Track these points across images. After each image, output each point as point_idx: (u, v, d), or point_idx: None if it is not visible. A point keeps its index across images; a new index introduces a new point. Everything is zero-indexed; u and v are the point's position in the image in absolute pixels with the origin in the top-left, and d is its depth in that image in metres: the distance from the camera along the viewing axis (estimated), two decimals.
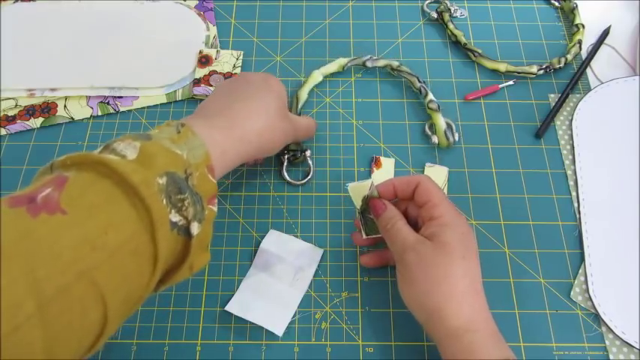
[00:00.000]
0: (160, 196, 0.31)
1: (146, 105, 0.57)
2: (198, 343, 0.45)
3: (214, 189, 0.36)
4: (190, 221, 0.33)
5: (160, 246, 0.31)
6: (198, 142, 0.36)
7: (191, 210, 0.33)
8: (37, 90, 0.58)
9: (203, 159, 0.36)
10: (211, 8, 0.64)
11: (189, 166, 0.34)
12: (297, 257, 0.48)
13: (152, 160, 0.32)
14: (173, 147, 0.34)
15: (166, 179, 0.32)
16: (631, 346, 0.44)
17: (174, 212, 0.32)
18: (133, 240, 0.30)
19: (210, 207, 0.35)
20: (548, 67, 0.58)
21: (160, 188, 0.31)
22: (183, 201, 0.33)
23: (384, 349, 0.44)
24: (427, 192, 0.41)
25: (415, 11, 0.64)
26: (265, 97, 0.44)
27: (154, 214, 0.30)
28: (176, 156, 0.34)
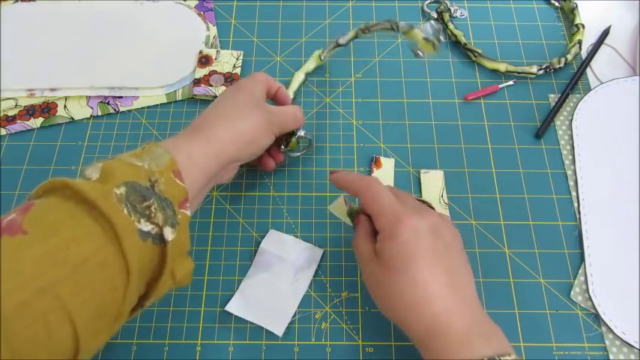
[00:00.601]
0: (119, 207, 0.31)
1: (146, 105, 0.57)
2: (198, 343, 0.45)
3: (184, 193, 0.35)
4: (162, 227, 0.33)
5: (130, 257, 0.31)
6: (160, 151, 0.36)
7: (160, 215, 0.33)
8: (37, 90, 0.58)
9: (167, 165, 0.35)
10: (211, 8, 0.64)
11: (153, 174, 0.34)
12: (297, 257, 0.48)
13: (110, 175, 0.33)
14: (134, 160, 0.35)
15: (125, 189, 0.32)
16: (631, 346, 0.44)
17: (143, 221, 0.32)
18: (99, 253, 0.30)
19: (183, 211, 0.35)
20: (548, 67, 0.58)
21: (119, 198, 0.31)
22: (150, 207, 0.32)
23: (384, 349, 0.44)
24: (367, 205, 0.40)
25: (415, 11, 0.64)
26: (233, 96, 0.44)
27: (116, 225, 0.30)
28: (136, 167, 0.34)
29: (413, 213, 0.38)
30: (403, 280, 0.36)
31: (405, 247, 0.36)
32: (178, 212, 0.34)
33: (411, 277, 0.36)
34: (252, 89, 0.45)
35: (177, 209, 0.34)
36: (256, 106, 0.43)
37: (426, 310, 0.35)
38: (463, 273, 0.38)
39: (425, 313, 0.35)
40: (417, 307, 0.36)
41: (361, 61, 0.60)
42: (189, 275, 0.36)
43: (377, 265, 0.38)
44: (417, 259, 0.36)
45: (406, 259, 0.36)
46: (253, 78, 0.47)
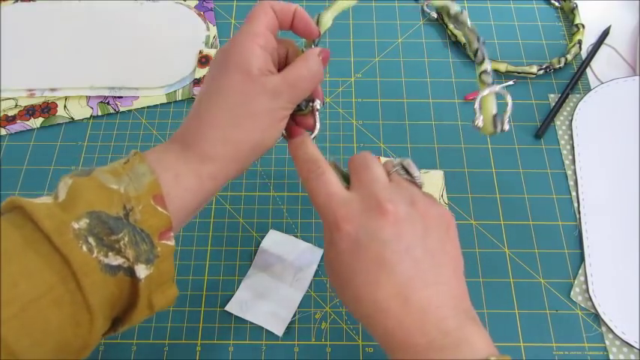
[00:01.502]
0: (77, 243, 0.27)
1: (146, 105, 0.57)
2: (198, 343, 0.45)
3: (166, 222, 0.30)
4: (133, 264, 0.29)
5: (91, 296, 0.27)
6: (143, 170, 0.31)
7: (131, 252, 0.29)
8: (37, 90, 0.58)
9: (147, 189, 0.30)
10: (211, 8, 0.64)
11: (129, 200, 0.30)
12: (297, 257, 0.48)
13: (75, 200, 0.29)
14: (110, 181, 0.30)
15: (88, 221, 0.28)
16: (631, 346, 0.44)
17: (112, 255, 0.28)
18: (54, 290, 0.27)
19: (165, 242, 0.30)
20: (548, 67, 0.58)
21: (78, 233, 0.28)
22: (118, 242, 0.28)
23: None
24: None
25: (415, 11, 0.64)
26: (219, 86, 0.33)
27: (72, 264, 0.27)
28: (109, 192, 0.29)
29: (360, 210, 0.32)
30: (349, 295, 0.31)
31: (344, 259, 0.31)
32: (158, 244, 0.30)
33: (353, 292, 0.31)
34: (244, 63, 0.33)
35: (157, 241, 0.30)
36: (255, 95, 0.33)
37: (377, 323, 0.31)
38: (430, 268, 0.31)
39: (377, 327, 0.31)
40: (368, 320, 0.31)
41: (361, 61, 0.60)
42: (173, 301, 0.32)
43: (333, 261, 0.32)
44: (358, 274, 0.31)
45: (347, 273, 0.31)
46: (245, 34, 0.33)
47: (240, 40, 0.33)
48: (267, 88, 0.33)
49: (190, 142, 0.33)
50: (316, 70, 0.35)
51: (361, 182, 0.33)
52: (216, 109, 0.33)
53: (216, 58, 0.35)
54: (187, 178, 0.32)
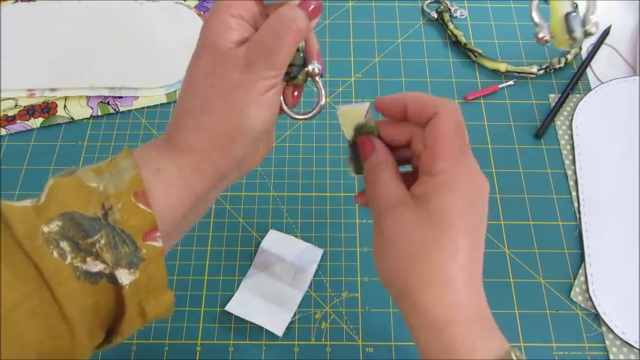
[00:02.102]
0: (46, 249, 0.25)
1: (146, 105, 0.57)
2: (198, 343, 0.45)
3: (150, 220, 0.27)
4: (113, 269, 0.26)
5: (67, 306, 0.25)
6: (126, 165, 0.28)
7: (109, 255, 0.26)
8: (37, 90, 0.57)
9: (128, 185, 0.27)
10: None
11: (108, 199, 0.27)
12: (297, 257, 0.48)
13: (51, 202, 0.27)
14: (91, 179, 0.28)
15: (60, 224, 0.26)
16: (631, 346, 0.44)
17: (90, 260, 0.26)
18: (30, 299, 0.25)
19: (151, 243, 0.27)
20: (548, 67, 0.58)
21: (47, 237, 0.25)
22: (94, 245, 0.26)
23: (384, 349, 0.44)
24: (437, 132, 0.30)
25: (415, 11, 0.64)
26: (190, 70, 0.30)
27: (44, 272, 0.25)
28: (87, 190, 0.27)
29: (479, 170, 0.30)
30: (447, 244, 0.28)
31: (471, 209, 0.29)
32: (142, 246, 0.27)
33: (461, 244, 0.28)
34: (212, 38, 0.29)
35: (141, 242, 0.27)
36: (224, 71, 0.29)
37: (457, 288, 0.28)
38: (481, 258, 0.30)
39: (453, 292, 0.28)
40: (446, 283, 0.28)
41: (361, 61, 0.60)
42: (169, 309, 0.30)
43: (414, 214, 0.29)
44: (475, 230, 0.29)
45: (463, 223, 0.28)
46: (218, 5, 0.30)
47: (212, 13, 0.30)
48: (237, 59, 0.28)
49: (170, 134, 0.30)
50: (293, 21, 0.29)
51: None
52: (188, 94, 0.30)
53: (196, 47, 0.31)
54: (168, 172, 0.29)
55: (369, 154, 0.32)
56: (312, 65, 0.32)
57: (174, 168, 0.29)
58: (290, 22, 0.29)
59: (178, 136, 0.30)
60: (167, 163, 0.29)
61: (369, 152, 0.32)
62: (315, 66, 0.32)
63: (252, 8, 0.30)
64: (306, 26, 0.29)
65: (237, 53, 0.29)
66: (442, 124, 0.30)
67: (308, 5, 0.30)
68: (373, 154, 0.32)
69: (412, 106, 0.31)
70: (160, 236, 0.28)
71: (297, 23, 0.29)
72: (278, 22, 0.29)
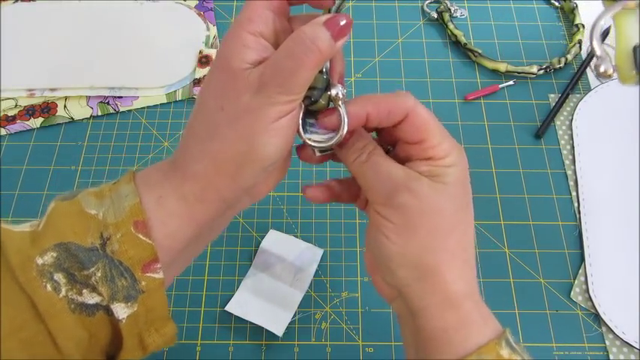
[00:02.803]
0: (40, 282, 0.25)
1: (146, 105, 0.57)
2: (198, 343, 0.45)
3: (150, 252, 0.26)
4: (109, 303, 0.25)
5: (61, 340, 0.25)
6: (127, 191, 0.27)
7: (105, 289, 0.25)
8: (37, 90, 0.57)
9: (128, 214, 0.26)
10: (211, 8, 0.64)
11: (107, 228, 0.26)
12: (297, 257, 0.48)
13: (47, 230, 0.26)
14: (91, 205, 0.27)
15: (55, 255, 0.25)
16: (631, 346, 0.44)
17: (87, 292, 0.25)
18: (24, 329, 0.24)
19: (150, 275, 0.26)
20: (548, 67, 0.58)
21: (41, 270, 0.25)
22: (90, 277, 0.25)
23: (384, 349, 0.44)
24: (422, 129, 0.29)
25: (415, 11, 0.64)
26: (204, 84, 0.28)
27: (38, 305, 0.24)
28: (86, 218, 0.26)
29: None
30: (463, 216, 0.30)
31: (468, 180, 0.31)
32: (141, 278, 0.26)
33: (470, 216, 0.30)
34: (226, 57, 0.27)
35: (140, 274, 0.26)
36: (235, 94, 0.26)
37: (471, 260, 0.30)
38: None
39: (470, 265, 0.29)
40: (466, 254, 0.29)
41: (361, 61, 0.60)
42: (172, 340, 0.29)
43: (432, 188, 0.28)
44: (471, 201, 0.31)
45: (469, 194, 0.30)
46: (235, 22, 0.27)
47: (231, 29, 0.27)
48: (250, 81, 0.26)
49: (176, 158, 0.28)
50: (314, 42, 0.26)
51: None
52: (197, 117, 0.28)
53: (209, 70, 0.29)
54: (171, 200, 0.27)
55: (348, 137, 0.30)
56: (335, 90, 0.29)
57: (177, 195, 0.27)
58: (310, 43, 0.26)
59: (183, 160, 0.28)
60: (169, 191, 0.27)
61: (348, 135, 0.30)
62: (338, 90, 0.29)
63: (274, 24, 0.28)
64: (330, 47, 0.26)
65: (251, 75, 0.26)
66: (424, 118, 0.29)
67: (335, 23, 0.27)
68: (354, 137, 0.30)
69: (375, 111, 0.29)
70: (160, 267, 0.27)
71: (319, 45, 0.26)
72: (297, 43, 0.26)
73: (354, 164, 0.30)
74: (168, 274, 0.28)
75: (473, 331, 0.28)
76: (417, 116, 0.29)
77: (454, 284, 0.28)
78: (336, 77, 0.30)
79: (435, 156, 0.29)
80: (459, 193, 0.29)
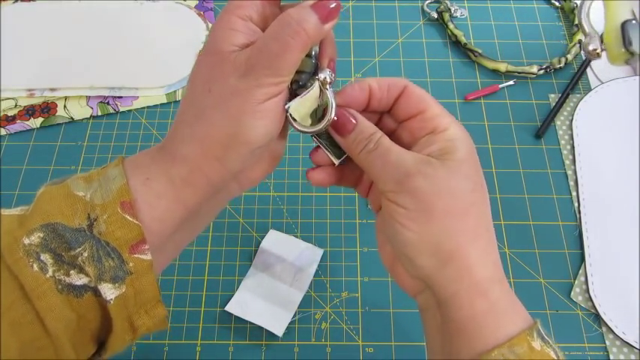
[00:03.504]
0: (26, 262, 0.25)
1: (146, 105, 0.57)
2: (198, 343, 0.45)
3: (137, 232, 0.26)
4: (96, 283, 0.25)
5: (49, 320, 0.25)
6: (115, 173, 0.27)
7: (92, 269, 0.25)
8: (37, 90, 0.57)
9: (115, 195, 0.26)
10: (211, 8, 0.64)
11: (93, 209, 0.26)
12: (297, 257, 0.48)
13: (35, 212, 0.26)
14: (79, 187, 0.26)
15: (42, 235, 0.25)
16: (631, 346, 0.44)
17: (74, 273, 0.25)
18: (12, 311, 0.24)
19: (137, 256, 0.26)
20: (548, 67, 0.58)
21: (28, 250, 0.25)
22: (77, 258, 0.25)
23: (384, 349, 0.44)
24: (420, 99, 0.29)
25: (415, 11, 0.64)
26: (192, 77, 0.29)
27: (24, 285, 0.24)
28: (73, 200, 0.26)
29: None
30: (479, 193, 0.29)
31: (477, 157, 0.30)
32: (129, 259, 0.26)
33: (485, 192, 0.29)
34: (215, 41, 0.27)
35: (127, 255, 0.26)
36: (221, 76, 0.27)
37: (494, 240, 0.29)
38: None
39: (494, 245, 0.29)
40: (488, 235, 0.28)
41: (361, 61, 0.60)
42: (163, 322, 0.29)
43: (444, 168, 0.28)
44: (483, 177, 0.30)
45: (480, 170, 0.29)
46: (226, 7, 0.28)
47: (220, 14, 0.28)
48: (238, 63, 0.26)
49: (166, 142, 0.29)
50: (300, 24, 0.26)
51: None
52: (186, 100, 0.28)
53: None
54: (158, 181, 0.27)
55: (351, 127, 0.29)
56: (323, 74, 0.29)
57: (164, 178, 0.27)
58: (297, 25, 0.26)
59: (172, 143, 0.28)
60: (157, 172, 0.27)
61: (351, 125, 0.29)
62: (326, 74, 0.29)
63: (264, 10, 0.28)
64: (317, 30, 0.26)
65: (239, 57, 0.26)
66: (420, 91, 0.30)
67: (323, 6, 0.26)
68: (359, 124, 0.29)
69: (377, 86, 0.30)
70: (148, 249, 0.26)
71: (305, 27, 0.26)
72: (284, 25, 0.26)
73: (362, 154, 0.29)
74: (159, 260, 0.28)
75: (503, 320, 0.27)
76: (414, 88, 0.30)
77: (480, 268, 0.27)
78: (325, 61, 0.30)
79: (439, 126, 0.29)
80: (472, 171, 0.28)
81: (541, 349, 0.26)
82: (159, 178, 0.27)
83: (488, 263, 0.27)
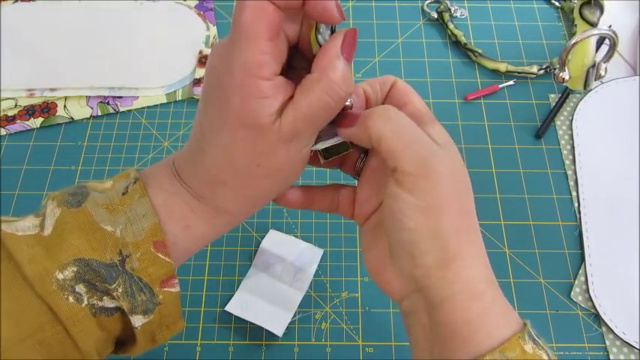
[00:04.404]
0: (61, 295, 0.25)
1: (146, 105, 0.57)
2: (198, 343, 0.45)
3: (168, 269, 0.27)
4: (129, 314, 0.27)
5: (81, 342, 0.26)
6: (143, 210, 0.27)
7: (126, 303, 0.26)
8: (37, 90, 0.57)
9: (148, 234, 0.27)
10: (211, 8, 0.64)
11: (126, 246, 0.26)
12: (297, 257, 0.48)
13: (62, 243, 0.26)
14: (105, 219, 0.26)
15: (76, 269, 0.25)
16: (631, 346, 0.44)
17: (107, 299, 0.26)
18: (41, 332, 0.25)
19: (167, 290, 0.28)
20: (548, 67, 0.58)
21: (62, 285, 0.25)
22: (110, 292, 0.26)
23: (384, 349, 0.44)
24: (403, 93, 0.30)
25: (415, 11, 0.64)
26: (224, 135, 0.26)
27: (59, 314, 0.25)
28: (102, 235, 0.26)
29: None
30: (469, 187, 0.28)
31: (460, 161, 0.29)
32: (159, 292, 0.27)
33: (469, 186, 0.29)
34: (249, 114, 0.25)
35: (158, 289, 0.27)
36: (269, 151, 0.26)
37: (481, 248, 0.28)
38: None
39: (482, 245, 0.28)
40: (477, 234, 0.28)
41: (361, 61, 0.60)
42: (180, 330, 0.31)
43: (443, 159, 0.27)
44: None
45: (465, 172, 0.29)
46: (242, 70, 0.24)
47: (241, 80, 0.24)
48: (282, 135, 0.25)
49: (202, 194, 0.28)
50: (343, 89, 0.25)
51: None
52: (226, 169, 0.27)
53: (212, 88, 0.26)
54: (200, 228, 0.29)
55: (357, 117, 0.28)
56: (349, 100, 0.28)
57: (206, 226, 0.29)
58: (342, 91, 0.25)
59: (212, 201, 0.29)
60: (198, 221, 0.29)
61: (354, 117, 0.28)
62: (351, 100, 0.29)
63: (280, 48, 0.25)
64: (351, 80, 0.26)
65: (283, 128, 0.25)
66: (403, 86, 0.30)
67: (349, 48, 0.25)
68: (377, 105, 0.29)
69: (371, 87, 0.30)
70: (177, 282, 0.28)
71: (346, 88, 0.25)
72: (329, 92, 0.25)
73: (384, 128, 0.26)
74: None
75: (497, 324, 0.26)
76: (400, 83, 0.30)
77: (476, 269, 0.26)
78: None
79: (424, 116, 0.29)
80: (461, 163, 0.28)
81: (533, 352, 0.26)
82: (200, 226, 0.29)
83: (482, 264, 0.27)
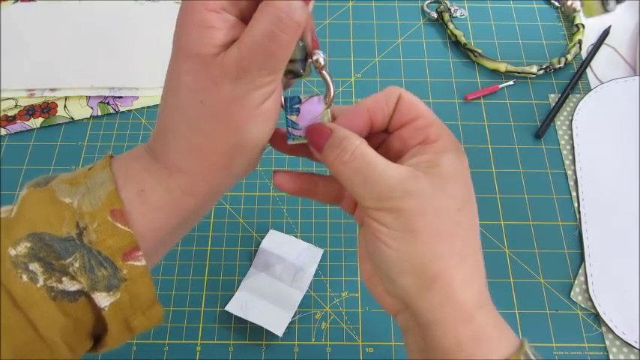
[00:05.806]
0: (15, 273, 0.24)
1: (146, 105, 0.57)
2: (198, 343, 0.45)
3: (129, 240, 0.25)
4: (89, 292, 0.25)
5: (43, 327, 0.24)
6: (103, 178, 0.26)
7: (85, 279, 0.24)
8: (37, 90, 0.57)
9: (104, 202, 0.25)
10: None
11: (82, 217, 0.25)
12: (297, 257, 0.48)
13: (19, 220, 0.25)
14: (65, 192, 0.25)
15: (30, 245, 0.24)
16: (631, 346, 0.44)
17: (67, 280, 0.24)
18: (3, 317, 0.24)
19: (131, 263, 0.25)
20: (548, 67, 0.58)
21: (15, 261, 0.24)
22: (67, 267, 0.24)
23: (384, 349, 0.44)
24: (412, 106, 0.28)
25: (415, 11, 0.64)
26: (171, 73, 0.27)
27: (14, 296, 0.24)
28: (60, 207, 0.25)
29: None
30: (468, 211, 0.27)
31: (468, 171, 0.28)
32: (123, 266, 0.25)
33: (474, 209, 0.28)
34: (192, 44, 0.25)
35: (121, 263, 0.25)
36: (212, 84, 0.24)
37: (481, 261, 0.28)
38: None
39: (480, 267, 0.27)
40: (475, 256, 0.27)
41: (361, 61, 0.60)
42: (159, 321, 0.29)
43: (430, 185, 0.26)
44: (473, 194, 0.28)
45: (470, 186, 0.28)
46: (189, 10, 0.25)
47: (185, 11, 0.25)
48: (227, 67, 0.24)
49: (157, 151, 0.27)
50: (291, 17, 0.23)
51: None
52: (173, 112, 0.26)
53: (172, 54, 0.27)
54: (155, 193, 0.26)
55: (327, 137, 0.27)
56: (316, 55, 0.27)
57: (161, 189, 0.26)
58: (288, 18, 0.23)
59: (166, 156, 0.26)
60: (153, 184, 0.26)
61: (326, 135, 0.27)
62: (319, 56, 0.27)
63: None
64: (305, 16, 0.24)
65: (227, 60, 0.24)
66: (410, 98, 0.28)
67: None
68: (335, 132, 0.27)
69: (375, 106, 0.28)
70: (142, 255, 0.26)
71: (297, 18, 0.24)
72: (273, 20, 0.23)
73: (335, 163, 0.27)
74: (152, 261, 0.28)
75: (489, 348, 0.26)
76: (407, 95, 0.28)
77: (465, 293, 0.26)
78: (309, 39, 0.27)
79: (429, 136, 0.27)
80: (459, 187, 0.27)
81: None
82: (155, 190, 0.26)
83: (474, 287, 0.26)
